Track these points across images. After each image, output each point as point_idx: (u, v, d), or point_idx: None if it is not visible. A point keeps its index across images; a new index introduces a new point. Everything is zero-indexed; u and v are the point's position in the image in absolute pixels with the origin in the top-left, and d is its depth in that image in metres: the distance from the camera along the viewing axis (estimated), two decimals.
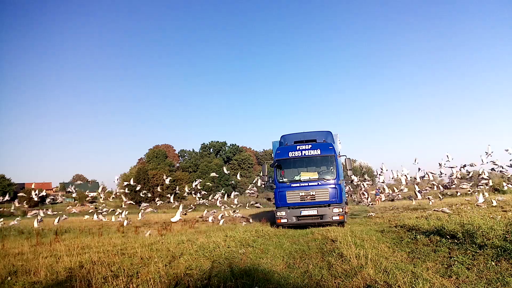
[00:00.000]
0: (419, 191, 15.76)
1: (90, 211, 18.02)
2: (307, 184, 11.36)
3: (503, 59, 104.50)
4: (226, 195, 18.04)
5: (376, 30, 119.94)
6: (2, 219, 15.50)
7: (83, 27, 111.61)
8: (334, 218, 10.99)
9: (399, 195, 17.32)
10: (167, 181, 22.67)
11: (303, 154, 11.61)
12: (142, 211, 15.73)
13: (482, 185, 16.29)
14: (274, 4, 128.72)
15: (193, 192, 16.79)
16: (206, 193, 17.89)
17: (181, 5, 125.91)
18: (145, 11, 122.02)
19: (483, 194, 14.98)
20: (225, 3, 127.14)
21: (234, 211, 15.70)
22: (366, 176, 22.17)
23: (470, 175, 16.52)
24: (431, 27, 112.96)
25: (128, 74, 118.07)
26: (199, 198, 17.13)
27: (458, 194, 19.46)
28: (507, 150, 13.82)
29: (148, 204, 17.76)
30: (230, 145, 76.98)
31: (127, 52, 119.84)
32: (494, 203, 13.91)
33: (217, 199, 16.84)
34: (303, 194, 11.28)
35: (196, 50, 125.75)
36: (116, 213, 16.30)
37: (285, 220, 11.34)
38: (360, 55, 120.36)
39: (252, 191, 16.30)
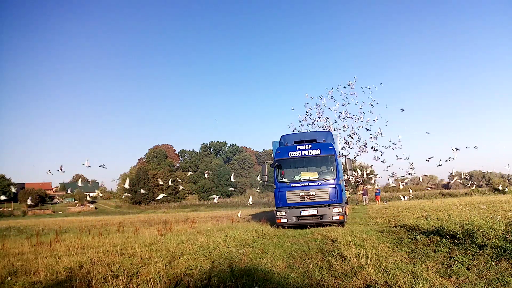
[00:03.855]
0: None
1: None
2: (307, 184, 11.33)
3: (504, 59, 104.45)
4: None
5: (376, 30, 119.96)
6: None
7: (83, 27, 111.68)
8: (334, 218, 10.98)
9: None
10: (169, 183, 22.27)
11: (303, 154, 11.59)
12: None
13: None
14: (274, 4, 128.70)
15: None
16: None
17: (181, 5, 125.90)
18: (145, 11, 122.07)
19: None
20: (225, 3, 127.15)
21: None
22: (366, 172, 22.53)
23: (470, 176, 18.00)
24: (431, 27, 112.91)
25: (128, 74, 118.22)
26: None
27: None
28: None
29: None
30: (230, 145, 77.11)
31: (127, 52, 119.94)
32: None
33: None
34: (303, 194, 11.26)
35: (196, 50, 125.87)
36: None
37: (285, 220, 11.31)
38: (360, 55, 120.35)
39: None
